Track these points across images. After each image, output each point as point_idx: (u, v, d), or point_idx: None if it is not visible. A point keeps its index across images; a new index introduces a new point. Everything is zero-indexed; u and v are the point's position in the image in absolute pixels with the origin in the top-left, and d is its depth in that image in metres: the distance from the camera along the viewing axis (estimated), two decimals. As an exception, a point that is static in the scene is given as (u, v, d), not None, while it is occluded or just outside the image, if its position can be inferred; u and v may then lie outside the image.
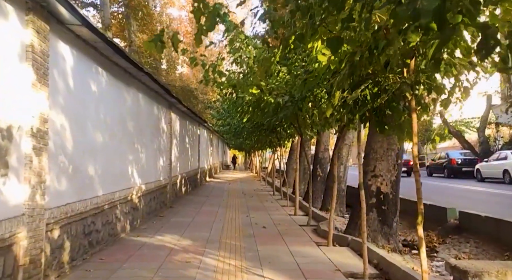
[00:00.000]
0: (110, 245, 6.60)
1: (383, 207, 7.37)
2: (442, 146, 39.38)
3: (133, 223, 8.08)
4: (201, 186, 19.59)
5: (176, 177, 13.10)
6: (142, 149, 8.91)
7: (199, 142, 19.70)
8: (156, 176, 10.25)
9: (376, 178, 7.45)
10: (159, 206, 10.57)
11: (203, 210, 11.15)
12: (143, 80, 8.54)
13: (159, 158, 10.63)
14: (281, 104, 7.48)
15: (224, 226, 8.52)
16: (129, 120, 7.96)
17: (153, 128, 10.11)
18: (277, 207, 12.13)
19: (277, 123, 9.47)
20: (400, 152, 7.56)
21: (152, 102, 9.95)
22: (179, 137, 13.96)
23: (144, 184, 8.88)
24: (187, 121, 15.96)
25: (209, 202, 13.16)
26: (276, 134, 13.38)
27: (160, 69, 27.38)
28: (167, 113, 11.70)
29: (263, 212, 10.84)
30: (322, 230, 7.64)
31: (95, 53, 5.94)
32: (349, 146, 12.02)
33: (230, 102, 11.83)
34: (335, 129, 10.57)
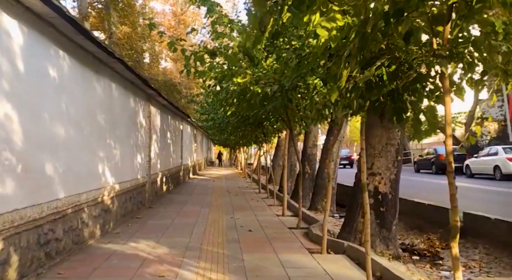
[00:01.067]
0: (75, 254, 5.77)
1: (381, 209, 6.69)
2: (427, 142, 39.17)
3: (105, 227, 7.25)
4: (184, 183, 18.75)
5: (156, 175, 12.26)
6: (116, 145, 8.07)
7: (181, 137, 18.84)
8: (132, 174, 9.41)
9: (374, 177, 6.76)
10: (137, 206, 9.74)
11: (185, 210, 10.36)
12: (116, 68, 7.69)
13: (136, 155, 9.79)
14: (269, 94, 6.73)
15: (206, 230, 7.76)
16: (100, 113, 7.12)
17: (129, 122, 9.26)
18: (263, 206, 11.40)
19: (264, 117, 8.71)
20: (400, 147, 6.88)
21: (128, 94, 9.09)
22: (160, 132, 13.11)
23: (118, 184, 8.04)
24: (169, 116, 15.10)
25: (191, 201, 12.36)
26: (262, 129, 12.63)
27: (142, 62, 26.36)
28: (145, 106, 10.84)
29: (248, 213, 10.10)
30: (315, 235, 6.94)
31: (54, 32, 5.09)
32: (340, 142, 11.35)
33: (214, 95, 11.04)
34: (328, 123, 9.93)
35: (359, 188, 6.90)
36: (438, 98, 3.02)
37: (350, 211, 7.05)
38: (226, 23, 7.15)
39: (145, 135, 10.83)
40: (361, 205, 6.89)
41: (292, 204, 10.77)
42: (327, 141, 11.42)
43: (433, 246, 6.90)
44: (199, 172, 28.32)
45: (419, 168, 24.35)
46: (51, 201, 5.07)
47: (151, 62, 28.72)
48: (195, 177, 23.59)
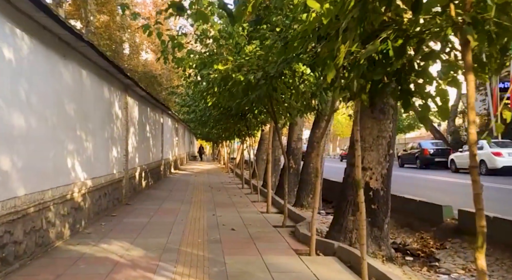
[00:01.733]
0: (37, 259, 5.20)
1: (372, 206, 6.27)
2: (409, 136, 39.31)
3: (75, 227, 6.66)
4: (164, 178, 18.14)
5: (134, 170, 11.65)
6: (88, 138, 7.46)
7: (162, 131, 18.20)
8: (107, 169, 8.81)
9: (365, 172, 6.33)
10: (112, 203, 9.14)
11: (164, 207, 9.80)
12: (87, 54, 7.07)
13: (111, 149, 9.17)
14: (253, 82, 6.22)
15: (186, 229, 7.24)
16: (69, 102, 6.51)
17: (104, 113, 8.64)
18: (247, 202, 10.93)
19: (247, 108, 8.20)
20: (392, 140, 6.47)
21: (102, 83, 8.46)
22: (138, 125, 12.48)
23: (90, 179, 7.45)
24: (148, 108, 14.45)
25: (171, 197, 11.80)
26: (245, 121, 12.12)
27: (121, 53, 25.51)
28: (122, 96, 10.21)
29: (231, 209, 9.61)
30: (302, 234, 6.49)
31: (8, 7, 4.48)
32: (327, 136, 10.92)
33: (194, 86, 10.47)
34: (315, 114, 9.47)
35: (349, 184, 6.48)
36: (453, 80, 2.57)
37: (339, 208, 6.62)
38: (205, 5, 6.60)
39: (122, 128, 10.21)
40: (351, 202, 6.48)
41: (276, 200, 10.33)
42: (313, 134, 11.00)
43: (426, 245, 6.53)
44: (181, 166, 27.68)
45: (403, 162, 24.20)
46: (8, 200, 4.49)
47: (131, 54, 27.86)
48: (177, 172, 22.96)
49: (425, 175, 18.32)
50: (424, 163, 21.46)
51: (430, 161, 21.19)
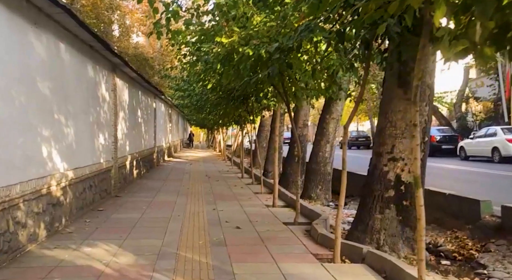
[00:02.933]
0: (2, 269, 4.21)
1: (404, 203, 5.33)
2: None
3: (53, 226, 5.67)
4: (158, 167, 17.13)
5: (124, 158, 10.63)
6: (69, 122, 6.43)
7: (155, 116, 17.13)
8: (93, 158, 7.79)
9: (395, 163, 5.38)
10: (99, 196, 8.15)
11: (158, 200, 8.83)
12: (64, 23, 5.99)
13: (98, 135, 8.14)
14: (264, 57, 5.20)
15: (184, 227, 6.28)
16: (43, 80, 5.45)
17: (88, 94, 7.59)
18: (249, 194, 9.97)
19: (254, 89, 7.18)
20: (428, 126, 5.50)
21: (85, 60, 7.39)
22: (129, 110, 11.42)
23: (72, 170, 6.43)
24: (139, 91, 13.37)
25: (166, 188, 10.82)
26: (246, 106, 11.10)
27: (110, 34, 24.19)
28: (109, 77, 9.13)
29: (233, 203, 8.65)
30: (320, 235, 5.55)
31: None
32: (337, 121, 9.96)
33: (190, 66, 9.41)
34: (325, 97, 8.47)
35: (376, 177, 5.53)
36: None
37: (363, 205, 5.66)
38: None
39: (110, 112, 9.15)
40: (378, 198, 5.53)
41: (282, 192, 9.36)
42: (322, 120, 10.01)
43: (464, 247, 5.62)
44: (174, 154, 26.66)
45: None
46: (-44, 200, 3.47)
47: (121, 35, 26.51)
48: (170, 160, 21.94)
49: (433, 163, 17.37)
50: (430, 150, 20.55)
51: (436, 148, 20.28)
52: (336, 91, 5.98)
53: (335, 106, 9.71)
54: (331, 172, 10.08)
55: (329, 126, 9.80)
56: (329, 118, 9.77)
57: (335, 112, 9.76)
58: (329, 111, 9.77)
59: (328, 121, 9.78)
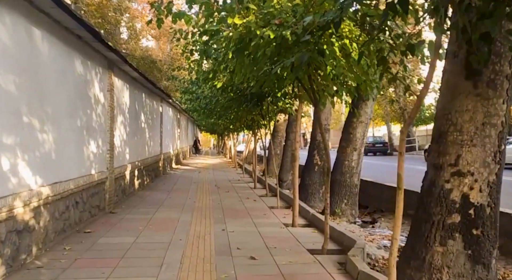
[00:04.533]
0: None
1: (474, 232, 4.02)
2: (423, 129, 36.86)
3: (17, 259, 4.46)
4: (164, 175, 15.94)
5: (123, 168, 9.44)
6: (46, 127, 5.24)
7: (161, 121, 15.98)
8: (82, 169, 6.60)
9: (461, 179, 4.06)
10: (89, 214, 6.95)
11: (158, 217, 7.60)
12: (40, 4, 4.82)
13: (88, 142, 6.96)
14: (290, 40, 3.95)
15: (186, 257, 5.02)
16: (5, 72, 4.27)
17: (75, 94, 6.41)
18: (263, 209, 8.69)
19: (273, 85, 5.91)
20: (505, 130, 4.17)
21: (71, 52, 6.22)
22: (130, 113, 10.25)
23: (49, 185, 5.24)
24: (143, 94, 12.21)
25: (170, 201, 9.60)
26: (261, 108, 9.87)
27: (117, 36, 23.21)
28: (104, 75, 7.97)
29: (246, 221, 7.39)
30: (363, 274, 4.24)
31: None
32: (366, 125, 8.65)
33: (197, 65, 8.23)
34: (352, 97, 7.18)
35: (434, 197, 4.23)
36: None
37: (417, 233, 4.34)
38: None
39: (105, 116, 7.98)
40: (439, 226, 4.21)
41: (302, 207, 8.07)
42: (348, 124, 8.71)
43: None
44: (183, 161, 25.51)
45: (430, 156, 21.85)
46: None
47: (129, 38, 25.56)
48: (178, 167, 20.76)
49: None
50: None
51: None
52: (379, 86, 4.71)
53: (364, 107, 8.43)
54: (358, 184, 8.76)
55: (357, 131, 8.51)
56: (356, 122, 8.48)
57: (363, 114, 8.47)
58: (356, 113, 8.47)
59: (355, 125, 8.49)
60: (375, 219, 9.05)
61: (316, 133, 10.56)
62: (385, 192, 9.86)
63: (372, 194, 10.13)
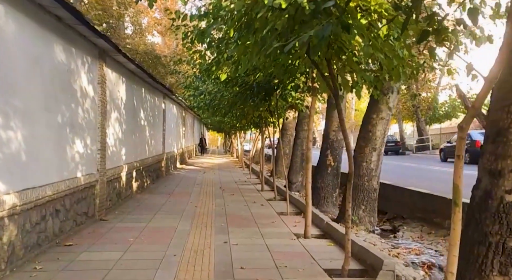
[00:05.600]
0: None
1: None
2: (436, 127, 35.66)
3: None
4: (167, 176, 15.11)
5: (118, 169, 8.61)
6: (12, 123, 4.41)
7: (164, 119, 15.14)
8: (64, 172, 5.77)
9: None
10: (74, 223, 6.11)
11: (153, 226, 6.74)
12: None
13: (72, 141, 6.12)
14: (306, 9, 3.06)
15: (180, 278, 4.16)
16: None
17: (55, 85, 5.57)
18: (272, 216, 7.81)
19: (287, 68, 4.97)
20: None
21: (49, 36, 5.38)
22: (126, 110, 9.41)
23: (16, 193, 4.39)
24: (143, 89, 11.37)
25: (168, 206, 8.75)
26: (268, 104, 8.98)
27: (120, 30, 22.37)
28: (94, 65, 7.12)
29: (252, 230, 6.51)
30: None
31: None
32: (387, 122, 7.72)
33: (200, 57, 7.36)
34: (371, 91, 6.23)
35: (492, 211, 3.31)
36: None
37: (468, 257, 3.42)
38: None
39: (95, 111, 7.14)
40: (497, 248, 3.31)
41: (316, 214, 7.16)
42: (367, 121, 7.78)
43: None
44: (188, 160, 24.70)
45: (446, 156, 20.77)
46: None
47: (134, 33, 24.75)
48: (183, 167, 19.93)
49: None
50: (474, 157, 18.02)
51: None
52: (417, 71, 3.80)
53: (385, 102, 7.49)
54: (377, 188, 7.83)
55: (376, 129, 7.58)
56: (376, 118, 7.55)
57: (384, 110, 7.54)
58: (376, 109, 7.55)
59: (375, 122, 7.57)
60: (396, 227, 8.12)
61: (329, 131, 9.65)
62: (406, 196, 8.91)
63: (391, 199, 9.19)
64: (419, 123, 30.76)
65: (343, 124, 4.32)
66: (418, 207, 8.21)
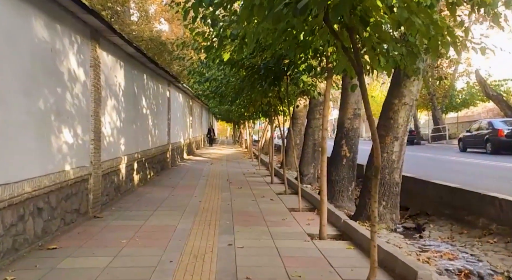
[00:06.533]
0: None
1: None
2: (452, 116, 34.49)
3: None
4: (172, 168, 14.48)
5: (116, 161, 7.97)
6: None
7: (169, 108, 14.46)
8: (48, 165, 5.12)
9: None
10: (62, 222, 5.48)
11: (151, 224, 6.09)
12: None
13: (59, 129, 5.46)
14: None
15: (171, 295, 3.48)
16: None
17: (36, 65, 4.89)
18: (282, 212, 7.12)
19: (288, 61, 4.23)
20: None
21: (26, 9, 4.68)
22: (125, 97, 8.73)
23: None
24: (144, 75, 10.68)
25: (171, 200, 8.11)
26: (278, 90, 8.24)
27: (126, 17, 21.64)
28: (85, 46, 6.43)
29: (260, 230, 5.82)
30: None
31: None
32: (411, 108, 6.92)
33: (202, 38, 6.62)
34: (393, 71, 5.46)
35: None
36: None
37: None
38: None
39: (87, 97, 6.46)
40: None
41: (331, 211, 6.44)
42: (388, 107, 6.99)
43: None
44: (196, 151, 24.09)
45: (465, 146, 19.82)
46: None
47: (140, 20, 24.02)
48: (190, 158, 19.30)
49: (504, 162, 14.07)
50: (498, 147, 17.10)
51: (505, 144, 16.82)
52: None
53: (409, 85, 6.70)
54: (399, 181, 7.06)
55: (399, 116, 6.80)
56: (398, 104, 6.77)
57: (408, 94, 6.74)
58: (398, 93, 6.76)
59: (397, 109, 6.79)
60: (420, 225, 7.36)
61: (344, 119, 8.88)
62: (430, 190, 8.12)
63: (413, 193, 8.40)
64: (434, 111, 29.69)
65: (369, 109, 3.57)
66: (446, 203, 7.43)
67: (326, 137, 5.77)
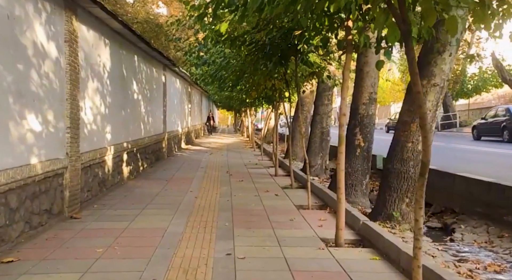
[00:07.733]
0: None
1: None
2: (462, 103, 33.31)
3: None
4: (168, 158, 13.53)
5: (100, 152, 7.02)
6: None
7: (165, 94, 13.46)
8: (5, 157, 4.16)
9: None
10: (27, 226, 4.56)
11: (135, 227, 5.16)
12: None
13: (21, 115, 4.50)
14: None
15: None
16: None
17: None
18: (289, 210, 6.19)
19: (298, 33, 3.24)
20: None
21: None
22: (112, 79, 7.76)
23: None
24: (135, 56, 9.68)
25: (163, 196, 7.18)
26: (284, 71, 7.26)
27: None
28: (57, 16, 5.43)
29: (264, 233, 4.89)
30: None
31: None
32: (442, 90, 5.92)
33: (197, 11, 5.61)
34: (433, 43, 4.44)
35: None
36: None
37: None
38: None
39: (61, 78, 5.48)
40: None
41: (348, 210, 5.49)
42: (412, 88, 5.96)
43: None
44: (195, 140, 23.13)
45: (479, 134, 18.78)
46: None
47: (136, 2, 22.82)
48: (188, 148, 18.35)
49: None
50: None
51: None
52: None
53: (440, 63, 5.68)
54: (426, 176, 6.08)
55: (427, 99, 5.80)
56: (427, 85, 5.77)
57: (438, 74, 5.73)
58: (427, 72, 5.75)
59: (425, 91, 5.78)
60: (447, 225, 6.41)
61: (358, 104, 7.89)
62: (457, 184, 7.16)
63: (437, 187, 7.43)
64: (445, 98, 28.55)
65: (418, 85, 2.63)
66: (477, 200, 6.48)
67: (344, 123, 4.82)
